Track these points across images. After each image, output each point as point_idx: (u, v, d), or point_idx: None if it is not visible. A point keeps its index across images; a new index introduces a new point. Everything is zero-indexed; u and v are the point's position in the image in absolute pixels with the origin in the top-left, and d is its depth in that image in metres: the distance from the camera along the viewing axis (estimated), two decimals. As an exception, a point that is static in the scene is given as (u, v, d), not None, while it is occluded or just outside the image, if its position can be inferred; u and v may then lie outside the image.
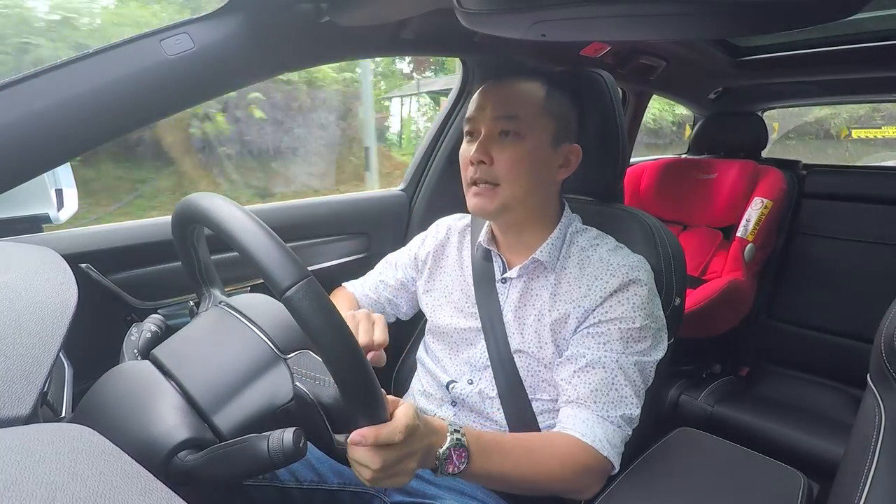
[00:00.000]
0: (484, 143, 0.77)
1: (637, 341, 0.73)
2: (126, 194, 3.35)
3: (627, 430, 0.73)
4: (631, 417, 0.72)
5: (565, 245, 0.81)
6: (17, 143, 0.65)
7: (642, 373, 0.74)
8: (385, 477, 0.53)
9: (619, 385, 0.72)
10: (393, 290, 0.97)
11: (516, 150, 0.76)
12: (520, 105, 0.77)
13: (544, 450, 0.69)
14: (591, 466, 0.69)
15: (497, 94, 0.78)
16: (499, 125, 0.77)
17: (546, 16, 0.62)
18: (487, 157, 0.76)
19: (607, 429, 0.71)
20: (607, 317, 0.74)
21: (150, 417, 0.48)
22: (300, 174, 4.53)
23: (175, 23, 0.76)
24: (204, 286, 0.66)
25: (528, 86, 0.79)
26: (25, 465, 0.29)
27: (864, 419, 0.62)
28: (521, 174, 0.76)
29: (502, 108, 0.77)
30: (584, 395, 0.72)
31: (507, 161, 0.76)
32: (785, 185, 1.71)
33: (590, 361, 0.73)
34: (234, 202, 0.49)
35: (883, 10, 1.24)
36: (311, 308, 0.43)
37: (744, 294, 1.66)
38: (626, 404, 0.72)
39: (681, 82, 1.77)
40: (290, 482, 0.78)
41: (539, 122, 0.77)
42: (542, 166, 0.78)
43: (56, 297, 0.47)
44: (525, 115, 0.76)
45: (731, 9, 0.55)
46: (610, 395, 0.72)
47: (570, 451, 0.69)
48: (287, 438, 0.44)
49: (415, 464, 0.55)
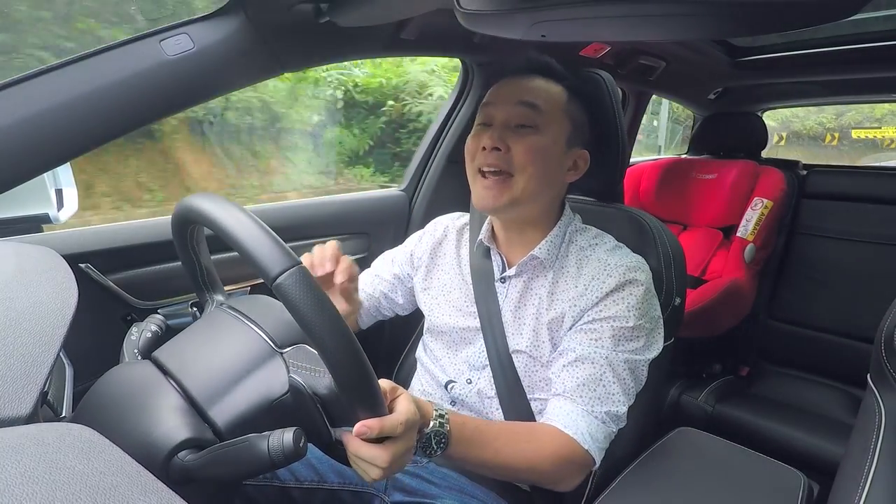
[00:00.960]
0: (500, 130, 0.75)
1: (629, 340, 0.73)
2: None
3: (612, 427, 0.72)
4: (617, 415, 0.72)
5: (564, 243, 0.81)
6: (17, 143, 0.65)
7: (633, 372, 0.74)
8: (390, 473, 0.53)
9: (606, 381, 0.72)
10: (388, 284, 0.96)
11: (534, 140, 0.74)
12: (541, 98, 0.76)
13: (526, 439, 0.69)
14: (570, 459, 0.69)
15: (519, 85, 0.77)
16: (518, 114, 0.75)
17: (546, 16, 0.62)
18: (503, 144, 0.74)
19: (591, 423, 0.70)
20: (601, 315, 0.73)
21: (151, 417, 0.48)
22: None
23: (174, 23, 0.76)
24: (204, 288, 0.66)
25: (550, 84, 0.78)
26: (25, 464, 0.29)
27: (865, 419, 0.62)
28: (538, 166, 0.74)
29: (524, 95, 0.76)
30: (570, 388, 0.72)
31: (524, 150, 0.74)
32: (785, 186, 1.71)
33: (579, 356, 0.73)
34: (229, 201, 0.50)
35: (883, 11, 1.24)
36: (302, 294, 0.43)
37: (744, 294, 1.66)
38: (612, 401, 0.71)
39: (680, 82, 1.77)
40: (290, 482, 0.78)
41: (558, 119, 0.77)
42: (556, 164, 0.77)
43: (56, 297, 0.47)
44: (546, 108, 0.75)
45: (731, 9, 0.55)
46: (597, 391, 0.71)
47: (551, 441, 0.69)
48: (287, 438, 0.44)
49: (411, 455, 0.56)
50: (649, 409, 0.85)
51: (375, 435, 0.50)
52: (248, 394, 0.51)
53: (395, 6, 0.81)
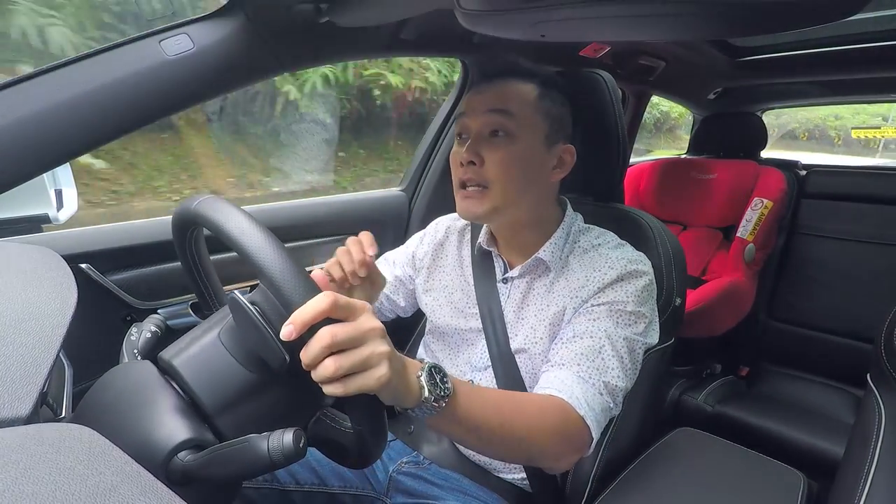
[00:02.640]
0: (474, 143, 0.74)
1: (628, 324, 0.72)
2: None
3: (609, 400, 0.68)
4: (614, 388, 0.68)
5: (568, 244, 0.80)
6: (17, 143, 0.65)
7: (632, 352, 0.71)
8: (350, 367, 0.43)
9: (605, 354, 0.69)
10: (390, 286, 0.96)
11: (508, 151, 0.74)
12: (512, 102, 0.75)
13: (524, 403, 0.64)
14: (565, 425, 0.64)
15: (488, 93, 0.76)
16: (490, 123, 0.74)
17: (546, 16, 0.62)
18: (478, 157, 0.74)
19: (587, 390, 0.66)
20: (600, 301, 0.72)
21: (150, 418, 0.48)
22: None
23: (174, 23, 0.76)
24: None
25: (520, 85, 0.77)
26: (25, 465, 0.29)
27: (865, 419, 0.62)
28: (513, 176, 0.74)
29: (493, 103, 0.75)
30: (567, 359, 0.69)
31: (497, 162, 0.73)
32: (785, 186, 1.71)
33: (577, 333, 0.71)
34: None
35: (883, 11, 1.24)
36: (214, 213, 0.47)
37: (744, 294, 1.66)
38: (610, 374, 0.68)
39: (680, 82, 1.77)
40: (290, 484, 0.78)
41: (531, 121, 0.75)
42: (536, 168, 0.77)
43: (55, 298, 0.47)
44: (517, 112, 0.74)
45: (731, 9, 0.55)
46: (595, 362, 0.68)
47: (548, 405, 0.64)
48: (287, 439, 0.44)
49: (385, 366, 0.45)
50: (649, 409, 0.85)
51: (300, 323, 0.42)
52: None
53: (394, 6, 0.81)
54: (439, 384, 0.52)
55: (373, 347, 0.45)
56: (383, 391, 0.46)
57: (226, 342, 0.52)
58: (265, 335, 0.48)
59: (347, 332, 0.43)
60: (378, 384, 0.44)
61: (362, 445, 0.51)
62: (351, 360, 0.43)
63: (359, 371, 0.44)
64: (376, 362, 0.45)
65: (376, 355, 0.45)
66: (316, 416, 0.56)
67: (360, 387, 0.44)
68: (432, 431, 0.87)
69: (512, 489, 0.80)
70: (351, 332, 0.44)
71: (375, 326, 0.46)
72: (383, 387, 0.45)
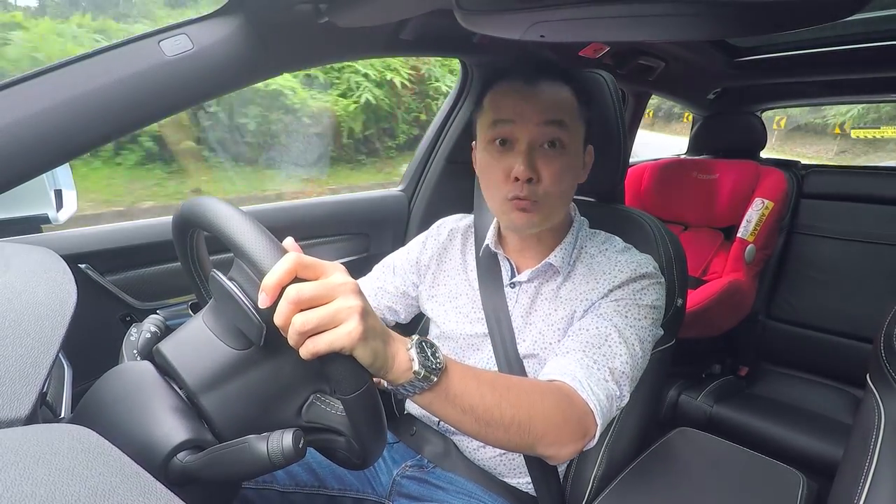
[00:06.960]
0: (530, 156, 0.71)
1: (637, 318, 0.71)
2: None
3: (615, 387, 0.65)
4: (621, 374, 0.66)
5: (576, 250, 0.80)
6: (16, 143, 0.65)
7: (641, 340, 0.70)
8: (318, 322, 0.42)
9: (612, 342, 0.68)
10: (392, 297, 0.94)
11: (561, 162, 0.72)
12: (564, 111, 0.72)
13: (525, 386, 0.62)
14: (569, 412, 0.61)
15: (536, 100, 0.72)
16: (547, 134, 0.71)
17: (545, 16, 0.62)
18: (536, 173, 0.71)
19: (592, 374, 0.64)
20: (609, 300, 0.73)
21: (150, 418, 0.48)
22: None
23: (174, 24, 0.76)
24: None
25: (562, 89, 0.74)
26: (25, 465, 0.29)
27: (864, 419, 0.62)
28: (563, 187, 0.73)
29: (549, 113, 0.71)
30: (572, 347, 0.68)
31: (552, 175, 0.71)
32: (786, 186, 1.71)
33: (584, 326, 0.71)
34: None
35: (883, 11, 1.24)
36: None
37: (744, 295, 1.66)
38: (617, 360, 0.66)
39: (680, 83, 1.77)
40: (289, 486, 0.78)
41: (577, 128, 0.74)
42: (577, 175, 0.77)
43: (55, 298, 0.47)
44: (569, 122, 0.72)
45: (731, 9, 0.55)
46: (602, 349, 0.67)
47: (550, 389, 0.62)
48: (286, 440, 0.44)
49: (356, 320, 0.43)
50: (649, 410, 0.85)
51: (270, 287, 0.42)
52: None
53: (394, 6, 0.81)
54: (430, 357, 0.50)
55: (342, 302, 0.43)
56: (359, 349, 0.44)
57: (208, 322, 0.53)
58: (242, 307, 0.48)
59: (314, 287, 0.42)
60: (350, 340, 0.43)
61: (361, 446, 0.51)
62: (319, 314, 0.42)
63: (329, 327, 0.43)
64: (345, 316, 0.43)
65: (345, 309, 0.43)
66: (309, 400, 0.55)
67: (331, 343, 0.42)
68: (431, 434, 0.87)
69: (516, 493, 0.80)
70: (318, 286, 0.43)
71: (346, 282, 0.44)
72: (356, 343, 0.43)
